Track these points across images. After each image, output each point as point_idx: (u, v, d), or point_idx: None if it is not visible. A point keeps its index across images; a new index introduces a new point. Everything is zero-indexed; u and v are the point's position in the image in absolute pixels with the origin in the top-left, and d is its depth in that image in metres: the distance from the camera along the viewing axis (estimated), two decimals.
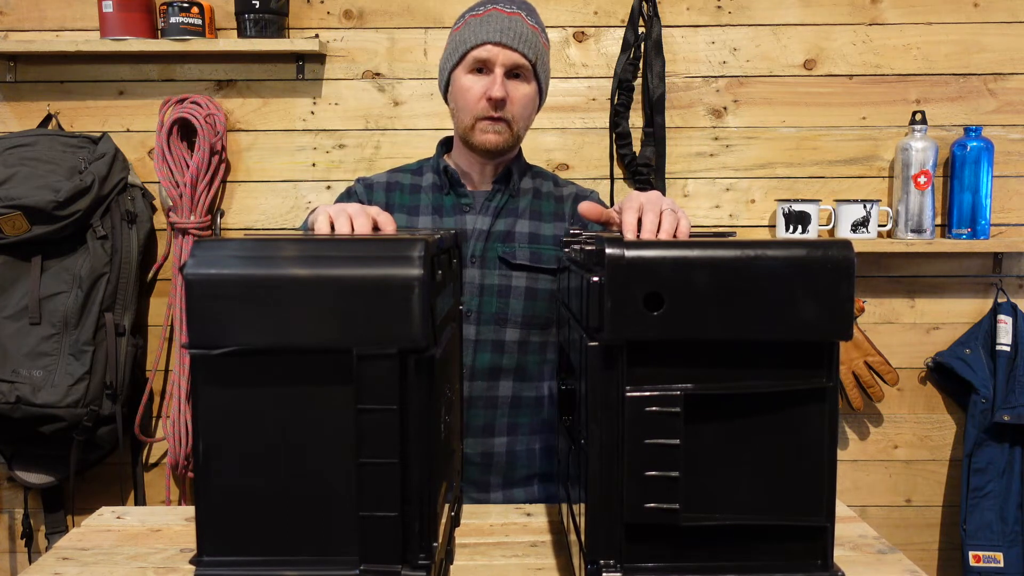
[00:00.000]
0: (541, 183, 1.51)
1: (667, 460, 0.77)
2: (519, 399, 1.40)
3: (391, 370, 0.71)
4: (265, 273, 0.71)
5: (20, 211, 1.85)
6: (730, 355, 0.78)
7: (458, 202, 1.44)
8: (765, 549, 0.80)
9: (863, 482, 2.21)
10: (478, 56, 1.35)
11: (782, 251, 0.76)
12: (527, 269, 1.41)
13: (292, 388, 0.72)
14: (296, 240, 0.75)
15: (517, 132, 1.40)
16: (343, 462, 0.72)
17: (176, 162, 2.03)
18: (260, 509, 0.73)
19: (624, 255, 0.75)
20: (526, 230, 1.44)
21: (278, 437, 0.73)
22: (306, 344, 0.71)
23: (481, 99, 1.36)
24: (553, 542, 1.07)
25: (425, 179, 1.48)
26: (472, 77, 1.37)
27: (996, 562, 2.06)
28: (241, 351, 0.70)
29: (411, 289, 0.70)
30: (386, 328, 0.70)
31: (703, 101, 2.13)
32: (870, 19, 2.11)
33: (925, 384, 2.19)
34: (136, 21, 2.03)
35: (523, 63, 1.36)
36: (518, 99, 1.37)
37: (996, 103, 2.12)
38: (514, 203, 1.45)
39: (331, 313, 0.70)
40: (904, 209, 2.07)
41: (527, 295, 1.40)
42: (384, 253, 0.72)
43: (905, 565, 0.98)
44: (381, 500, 0.72)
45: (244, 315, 0.70)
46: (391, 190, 1.47)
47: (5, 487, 2.16)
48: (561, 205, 1.49)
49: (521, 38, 1.35)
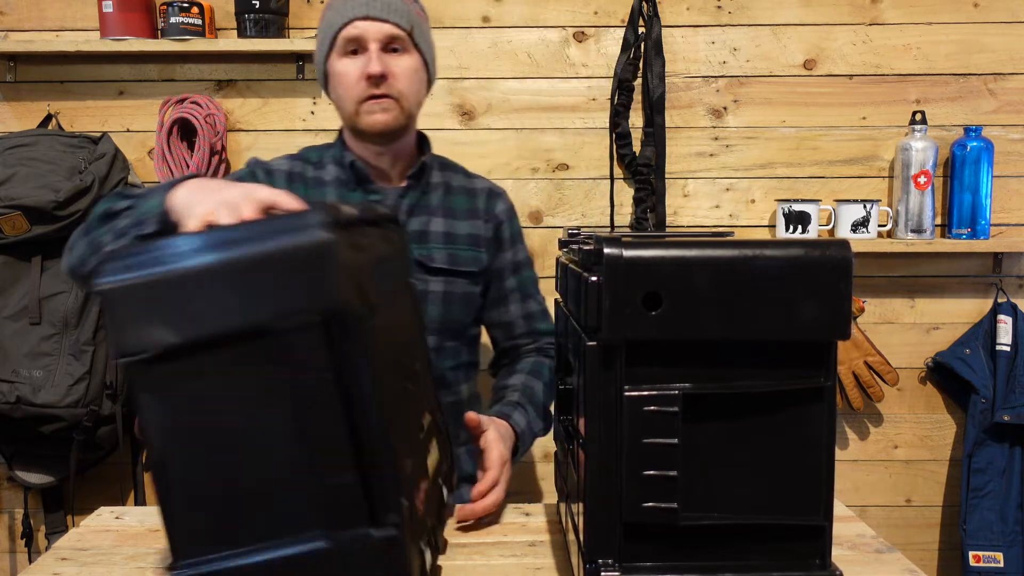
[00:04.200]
0: (451, 176, 1.43)
1: (665, 459, 0.77)
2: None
3: (319, 338, 0.69)
4: (175, 270, 0.69)
5: (20, 211, 1.85)
6: (728, 354, 0.78)
7: (366, 200, 1.35)
8: (763, 548, 0.80)
9: (863, 482, 2.21)
10: (348, 36, 1.26)
11: (780, 251, 0.77)
12: (445, 273, 1.35)
13: (228, 378, 0.71)
14: (205, 232, 0.73)
15: (408, 109, 1.30)
16: (294, 439, 0.71)
17: (176, 162, 2.03)
18: (225, 503, 0.72)
19: (622, 255, 0.76)
20: (441, 229, 1.37)
21: (226, 429, 0.72)
22: (231, 330, 0.69)
23: (360, 79, 1.26)
24: (551, 541, 1.07)
25: (327, 172, 1.37)
26: (347, 61, 1.27)
27: (996, 562, 2.06)
28: (167, 351, 0.69)
29: (322, 254, 0.68)
30: (304, 298, 0.69)
31: (703, 101, 2.13)
32: (870, 19, 2.11)
33: (925, 384, 2.19)
34: (136, 21, 2.03)
35: (398, 33, 1.27)
36: (400, 72, 1.28)
37: (996, 103, 2.12)
38: (426, 200, 1.38)
39: (248, 295, 0.69)
40: (904, 209, 2.07)
41: (444, 300, 1.35)
42: (289, 225, 0.70)
43: (904, 564, 0.98)
44: (336, 469, 0.71)
45: (161, 315, 0.69)
46: (293, 181, 1.36)
47: (5, 487, 2.16)
48: (474, 199, 1.42)
49: (390, 8, 1.26)
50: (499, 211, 1.47)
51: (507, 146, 2.14)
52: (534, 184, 2.14)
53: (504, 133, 2.13)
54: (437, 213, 1.38)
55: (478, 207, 1.43)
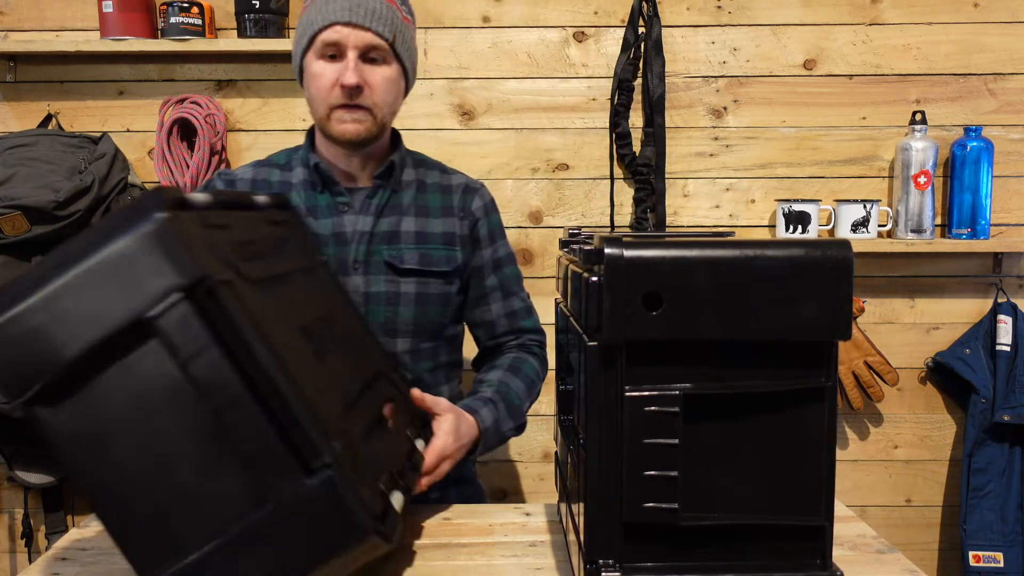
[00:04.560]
0: (426, 173, 1.39)
1: (666, 460, 0.78)
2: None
3: (190, 312, 0.69)
4: (37, 296, 0.69)
5: (20, 211, 1.85)
6: (729, 355, 0.78)
7: (334, 201, 1.32)
8: (764, 548, 0.80)
9: (863, 482, 2.21)
10: (327, 39, 1.22)
11: (781, 251, 0.77)
12: (417, 274, 1.32)
13: (127, 388, 0.70)
14: (49, 256, 0.74)
15: (381, 119, 1.27)
16: (206, 423, 0.71)
17: (176, 162, 2.03)
18: (164, 512, 0.72)
19: (623, 255, 0.76)
20: (412, 228, 1.33)
21: (141, 439, 0.71)
22: (109, 334, 0.69)
23: (334, 86, 1.23)
24: (552, 542, 1.07)
25: (295, 175, 1.35)
26: (323, 64, 1.24)
27: (996, 562, 2.06)
28: (58, 378, 0.69)
29: (162, 233, 0.69)
30: (161, 280, 0.69)
31: (703, 101, 2.13)
32: (870, 19, 2.11)
33: (925, 384, 2.19)
34: (136, 21, 2.03)
35: (378, 43, 1.23)
36: (377, 84, 1.24)
37: (996, 103, 2.12)
38: (397, 199, 1.34)
39: (110, 296, 0.69)
40: (904, 209, 2.07)
41: (417, 301, 1.32)
42: (127, 217, 0.70)
43: (904, 565, 0.98)
44: (251, 434, 0.71)
45: (37, 345, 0.69)
46: (257, 189, 1.33)
47: (5, 487, 2.16)
48: (449, 196, 1.38)
49: (374, 15, 1.22)
50: (475, 208, 1.41)
51: (507, 146, 2.14)
52: (534, 184, 2.14)
53: (504, 133, 2.13)
54: (409, 212, 1.34)
55: (453, 204, 1.38)
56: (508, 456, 2.20)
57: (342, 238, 1.30)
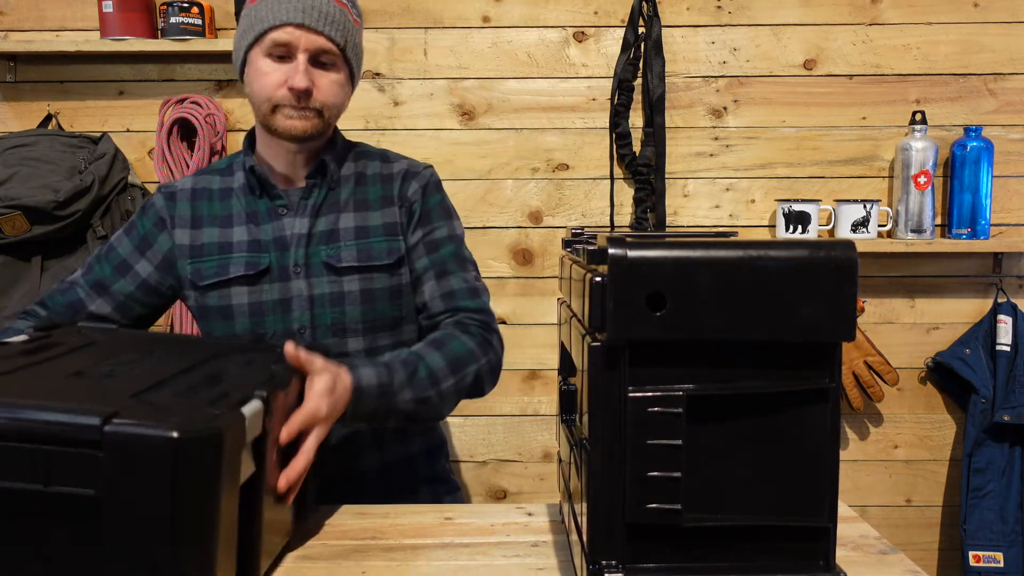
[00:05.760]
0: (366, 165, 1.34)
1: (669, 460, 0.77)
2: None
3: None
4: None
5: (20, 211, 1.85)
6: (732, 355, 0.78)
7: (273, 205, 1.28)
8: (767, 550, 0.80)
9: (863, 482, 2.21)
10: (277, 39, 1.18)
11: (785, 252, 0.76)
12: (357, 271, 1.27)
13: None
14: None
15: (329, 120, 1.25)
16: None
17: (176, 162, 2.03)
18: None
19: (627, 255, 0.75)
20: (351, 224, 1.29)
21: None
22: None
23: (282, 87, 1.20)
24: (554, 542, 1.07)
25: (236, 180, 1.31)
26: (270, 62, 1.20)
27: (996, 562, 2.06)
28: None
29: None
30: None
31: (703, 101, 2.13)
32: (870, 19, 2.11)
33: (925, 384, 2.19)
34: (136, 21, 2.02)
35: (330, 48, 1.20)
36: (325, 87, 1.22)
37: (996, 103, 2.12)
38: (335, 196, 1.30)
39: None
40: (904, 209, 2.08)
41: (363, 298, 1.27)
42: None
43: (907, 566, 0.97)
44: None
45: None
46: (198, 199, 1.30)
47: None
48: (390, 186, 1.32)
49: (327, 18, 1.19)
50: (411, 192, 1.33)
51: (507, 146, 2.13)
52: (534, 184, 2.14)
53: (504, 133, 2.13)
54: (347, 208, 1.30)
55: (393, 193, 1.32)
56: (508, 456, 2.21)
57: (282, 242, 1.27)
